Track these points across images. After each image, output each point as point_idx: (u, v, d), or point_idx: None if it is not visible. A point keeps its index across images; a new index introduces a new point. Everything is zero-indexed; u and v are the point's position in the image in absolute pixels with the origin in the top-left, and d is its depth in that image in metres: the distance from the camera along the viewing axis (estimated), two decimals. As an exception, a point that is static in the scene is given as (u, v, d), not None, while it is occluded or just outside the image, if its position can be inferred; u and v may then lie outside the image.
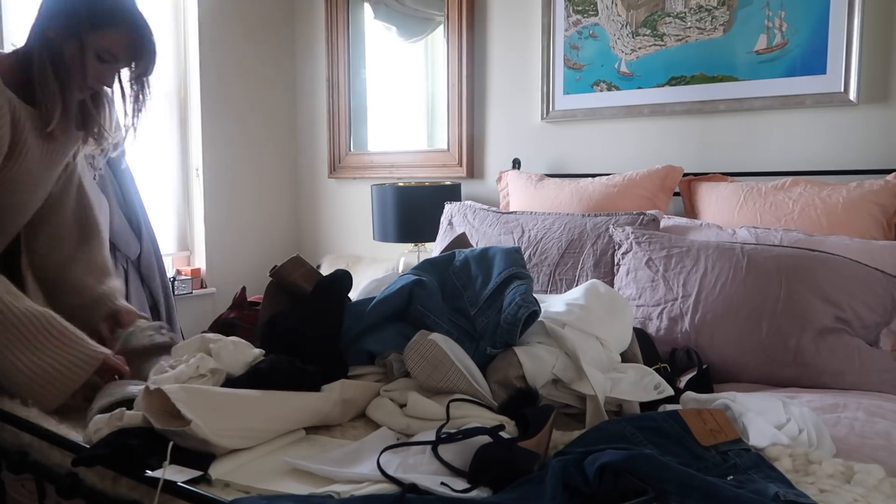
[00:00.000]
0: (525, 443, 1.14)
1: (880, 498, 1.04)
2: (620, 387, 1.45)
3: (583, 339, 1.51)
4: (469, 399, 1.36)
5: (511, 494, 1.04)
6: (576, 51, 2.86)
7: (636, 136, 2.77)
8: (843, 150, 2.36)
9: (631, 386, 1.45)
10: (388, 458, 1.15)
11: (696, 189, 2.48)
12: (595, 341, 1.53)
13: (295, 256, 1.66)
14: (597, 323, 1.56)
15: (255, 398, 1.29)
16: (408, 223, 2.96)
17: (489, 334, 1.51)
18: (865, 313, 1.79)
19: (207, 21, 3.39)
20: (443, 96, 3.27)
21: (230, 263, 3.55)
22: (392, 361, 1.49)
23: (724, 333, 1.85)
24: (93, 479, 1.19)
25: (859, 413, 1.50)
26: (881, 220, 2.10)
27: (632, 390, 1.44)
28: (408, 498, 1.00)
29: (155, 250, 2.79)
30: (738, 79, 2.51)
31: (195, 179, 3.46)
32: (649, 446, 1.14)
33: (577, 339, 1.48)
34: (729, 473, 1.09)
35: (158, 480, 1.06)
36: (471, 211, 2.68)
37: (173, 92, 3.39)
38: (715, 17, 2.54)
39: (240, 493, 1.09)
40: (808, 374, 1.75)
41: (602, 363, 1.51)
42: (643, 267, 2.06)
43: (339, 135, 3.64)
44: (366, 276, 3.27)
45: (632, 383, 1.46)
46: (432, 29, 3.36)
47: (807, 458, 1.16)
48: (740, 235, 2.13)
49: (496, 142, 3.16)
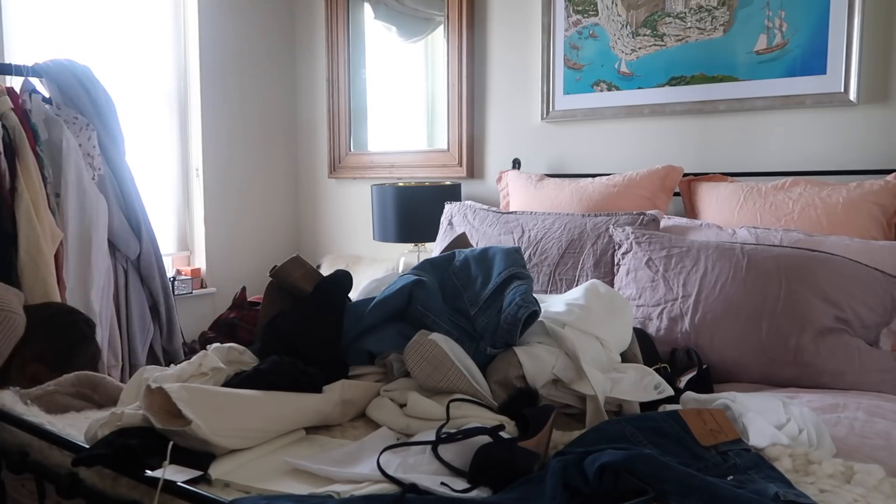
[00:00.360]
0: (525, 443, 1.14)
1: (880, 498, 1.04)
2: (620, 387, 1.45)
3: (583, 339, 1.51)
4: (469, 399, 1.36)
5: (511, 494, 1.04)
6: (576, 51, 2.86)
7: (636, 136, 2.77)
8: (843, 150, 2.36)
9: (631, 386, 1.45)
10: (388, 458, 1.15)
11: (696, 189, 2.48)
12: (595, 341, 1.53)
13: (295, 257, 1.66)
14: (597, 323, 1.56)
15: (256, 398, 1.29)
16: (408, 223, 2.95)
17: (489, 334, 1.51)
18: (865, 313, 1.79)
19: (207, 21, 3.39)
20: (443, 96, 3.27)
21: (230, 263, 3.55)
22: (392, 361, 1.49)
23: (724, 333, 1.85)
24: (93, 479, 1.19)
25: (859, 413, 1.50)
26: (881, 220, 2.10)
27: (632, 390, 1.44)
28: (408, 498, 1.00)
29: (155, 250, 2.79)
30: (738, 79, 2.51)
31: (195, 179, 3.46)
32: (649, 446, 1.14)
33: (577, 340, 1.48)
34: (729, 473, 1.09)
35: (158, 480, 1.06)
36: (471, 211, 2.68)
37: (173, 92, 3.39)
38: (715, 17, 2.54)
39: (240, 493, 1.09)
40: (808, 375, 1.75)
41: (602, 363, 1.51)
42: (643, 267, 2.06)
43: (339, 135, 3.64)
44: (366, 276, 3.27)
45: (632, 383, 1.46)
46: (432, 29, 3.36)
47: (807, 458, 1.16)
48: (740, 235, 2.13)
49: (496, 142, 3.16)
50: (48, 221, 2.34)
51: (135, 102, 3.18)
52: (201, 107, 3.40)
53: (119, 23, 3.12)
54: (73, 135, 2.49)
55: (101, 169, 2.61)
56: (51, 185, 2.42)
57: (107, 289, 2.59)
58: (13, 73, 2.54)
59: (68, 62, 2.63)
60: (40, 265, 2.27)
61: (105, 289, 2.57)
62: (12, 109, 2.36)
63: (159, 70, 3.32)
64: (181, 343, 2.88)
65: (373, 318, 1.56)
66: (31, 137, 2.38)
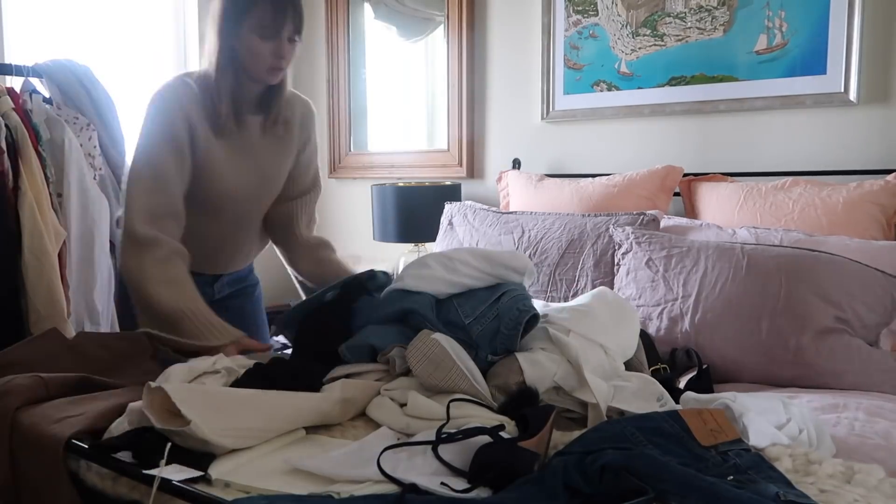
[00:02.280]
0: (525, 443, 1.14)
1: (880, 498, 1.04)
2: (623, 395, 1.44)
3: (587, 346, 1.50)
4: (470, 399, 1.36)
5: (511, 494, 1.04)
6: (576, 51, 2.86)
7: (636, 137, 2.77)
8: (843, 150, 2.36)
9: (633, 396, 1.44)
10: (388, 458, 1.15)
11: (696, 189, 2.48)
12: (599, 349, 1.52)
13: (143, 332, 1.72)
14: (602, 331, 1.54)
15: (256, 398, 1.29)
16: (408, 223, 2.95)
17: (487, 341, 1.50)
18: (865, 313, 1.79)
19: (207, 21, 3.39)
20: (443, 96, 3.27)
21: (230, 263, 3.54)
22: (394, 357, 1.49)
23: (724, 333, 1.85)
24: (93, 479, 1.19)
25: (859, 413, 1.50)
26: (881, 220, 2.10)
27: (634, 399, 1.43)
28: (407, 498, 1.00)
29: (155, 250, 2.78)
30: (738, 79, 2.51)
31: (195, 179, 3.46)
32: (649, 446, 1.14)
33: (580, 347, 1.47)
34: (729, 473, 1.09)
35: (156, 479, 1.06)
36: (471, 211, 2.68)
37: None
38: (715, 17, 2.54)
39: (240, 493, 1.09)
40: (809, 375, 1.74)
41: (605, 371, 1.50)
42: (643, 267, 2.06)
43: (340, 135, 3.64)
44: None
45: (634, 393, 1.45)
46: (432, 29, 3.36)
47: (807, 458, 1.16)
48: (740, 235, 2.13)
49: (496, 142, 3.16)
50: (52, 221, 2.34)
51: (135, 102, 3.18)
52: (201, 107, 3.40)
53: (119, 23, 3.12)
54: (73, 135, 2.49)
55: (102, 169, 2.61)
56: (53, 184, 2.42)
57: (108, 288, 2.59)
58: (13, 73, 2.53)
59: (68, 62, 2.63)
60: (45, 265, 2.27)
61: (106, 288, 2.57)
62: (13, 109, 2.36)
63: (159, 70, 3.32)
64: (181, 343, 2.88)
65: (376, 318, 1.57)
66: (34, 137, 2.38)
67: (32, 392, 1.40)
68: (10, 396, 1.37)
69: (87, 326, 2.47)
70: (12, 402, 1.36)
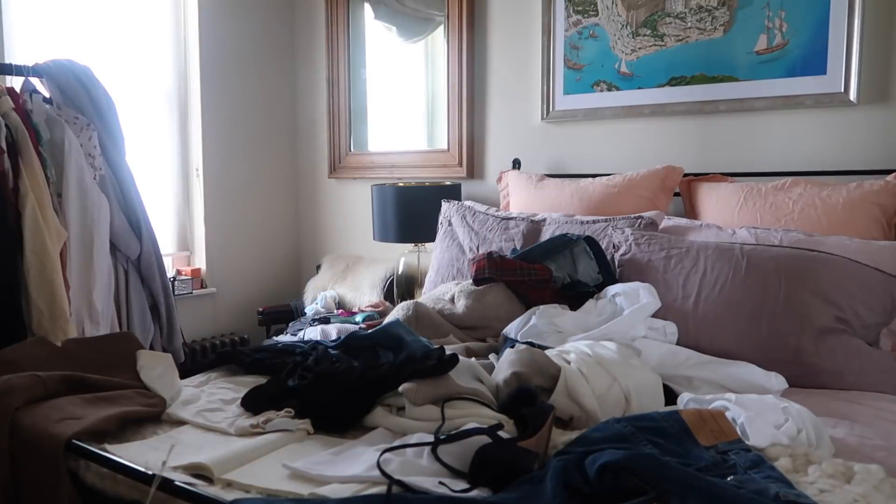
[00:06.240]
0: (525, 442, 1.14)
1: (880, 498, 1.04)
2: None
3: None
4: (468, 397, 1.36)
5: (511, 494, 1.04)
6: (576, 51, 2.86)
7: (636, 137, 2.77)
8: (843, 150, 2.36)
9: None
10: (387, 458, 1.15)
11: (696, 189, 2.48)
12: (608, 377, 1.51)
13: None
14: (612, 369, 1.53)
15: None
16: (408, 223, 2.95)
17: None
18: (865, 313, 1.79)
19: (207, 21, 3.39)
20: (443, 96, 3.27)
21: (230, 263, 3.54)
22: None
23: (724, 334, 1.85)
24: (93, 478, 1.19)
25: (860, 418, 1.50)
26: (881, 220, 2.09)
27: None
28: (396, 495, 1.00)
29: (155, 250, 2.79)
30: (738, 79, 2.51)
31: (195, 179, 3.46)
32: (649, 446, 1.14)
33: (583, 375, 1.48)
34: (729, 473, 1.09)
35: (156, 478, 1.06)
36: (469, 213, 2.68)
37: (173, 92, 3.39)
38: (715, 17, 2.54)
39: (240, 493, 1.09)
40: (808, 375, 1.75)
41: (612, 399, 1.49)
42: (643, 268, 2.05)
43: (340, 135, 3.64)
44: (366, 276, 3.27)
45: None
46: (432, 29, 3.36)
47: (807, 458, 1.16)
48: (740, 236, 2.13)
49: (496, 142, 3.16)
50: (53, 221, 2.34)
51: (135, 102, 3.18)
52: (201, 107, 3.40)
53: (119, 23, 3.12)
54: (73, 135, 2.49)
55: (102, 169, 2.61)
56: (53, 184, 2.42)
57: (108, 288, 2.59)
58: (13, 73, 2.54)
59: (68, 62, 2.63)
60: (47, 265, 2.27)
61: (106, 288, 2.57)
62: (13, 109, 2.36)
63: (159, 70, 3.32)
64: (181, 343, 2.88)
65: None
66: (34, 137, 2.38)
67: (32, 391, 1.40)
68: (10, 396, 1.37)
69: (87, 326, 2.47)
70: (12, 402, 1.36)
